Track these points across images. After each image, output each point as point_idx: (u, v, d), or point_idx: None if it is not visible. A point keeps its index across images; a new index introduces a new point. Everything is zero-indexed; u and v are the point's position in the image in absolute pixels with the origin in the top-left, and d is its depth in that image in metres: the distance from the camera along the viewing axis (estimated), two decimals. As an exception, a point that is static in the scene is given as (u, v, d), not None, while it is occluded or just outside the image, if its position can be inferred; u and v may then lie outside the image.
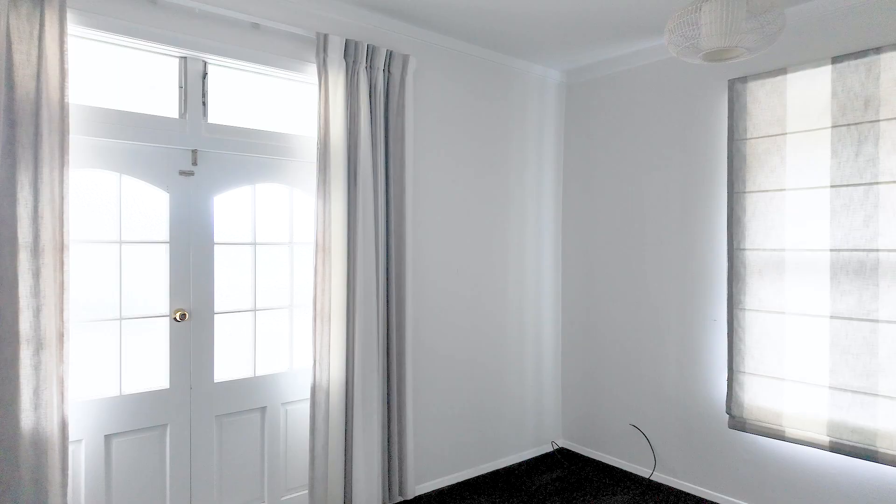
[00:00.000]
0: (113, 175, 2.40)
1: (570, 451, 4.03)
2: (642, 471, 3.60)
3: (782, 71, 2.88)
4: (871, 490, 2.65)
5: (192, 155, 2.57)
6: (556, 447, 4.07)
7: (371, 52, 2.89)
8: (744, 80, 3.02)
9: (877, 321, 2.58)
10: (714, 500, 3.23)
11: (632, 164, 3.65)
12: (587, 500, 3.24)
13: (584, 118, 3.96)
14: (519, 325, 3.84)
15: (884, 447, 2.55)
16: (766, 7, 2.06)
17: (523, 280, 3.86)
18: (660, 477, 3.51)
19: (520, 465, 3.78)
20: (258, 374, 2.80)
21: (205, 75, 2.60)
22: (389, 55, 2.96)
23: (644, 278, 3.59)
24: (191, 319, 2.57)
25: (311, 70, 2.85)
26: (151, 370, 2.51)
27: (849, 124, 2.66)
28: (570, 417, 4.07)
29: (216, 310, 2.66)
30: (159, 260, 2.52)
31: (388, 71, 2.98)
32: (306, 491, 2.95)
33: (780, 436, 2.89)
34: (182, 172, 2.55)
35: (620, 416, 3.73)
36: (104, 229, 2.39)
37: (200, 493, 2.61)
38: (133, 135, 2.40)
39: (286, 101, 2.89)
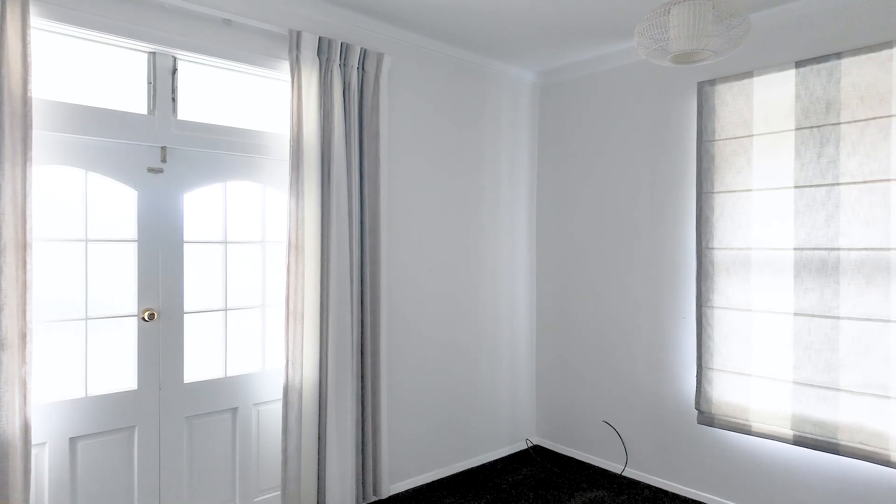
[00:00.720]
0: (79, 172, 2.34)
1: (544, 448, 4.06)
2: (614, 467, 3.65)
3: (749, 74, 2.95)
4: (833, 481, 2.74)
5: (161, 152, 2.53)
6: (530, 445, 4.10)
7: (345, 49, 2.88)
8: (712, 82, 3.09)
9: (838, 318, 2.66)
10: (684, 495, 3.29)
11: (604, 163, 3.70)
12: (560, 497, 3.27)
13: (558, 118, 4.00)
14: (494, 324, 3.86)
15: (844, 440, 2.63)
16: (732, 12, 2.11)
17: (498, 279, 3.88)
18: (631, 472, 3.56)
19: (494, 462, 3.80)
20: (229, 374, 2.76)
21: (174, 71, 2.56)
22: (364, 53, 2.96)
23: (616, 277, 3.64)
24: (160, 319, 2.53)
25: (284, 67, 2.82)
26: (119, 371, 2.46)
27: (811, 127, 2.74)
28: (544, 415, 4.11)
29: (186, 309, 2.62)
30: (127, 258, 2.47)
31: (363, 69, 2.98)
32: (279, 492, 2.92)
33: (746, 430, 2.96)
34: (151, 170, 2.50)
35: (593, 413, 3.78)
36: (70, 227, 2.33)
37: (169, 495, 2.56)
38: (100, 131, 2.35)
39: (259, 98, 2.86)
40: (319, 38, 2.78)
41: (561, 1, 2.83)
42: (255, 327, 2.86)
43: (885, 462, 2.52)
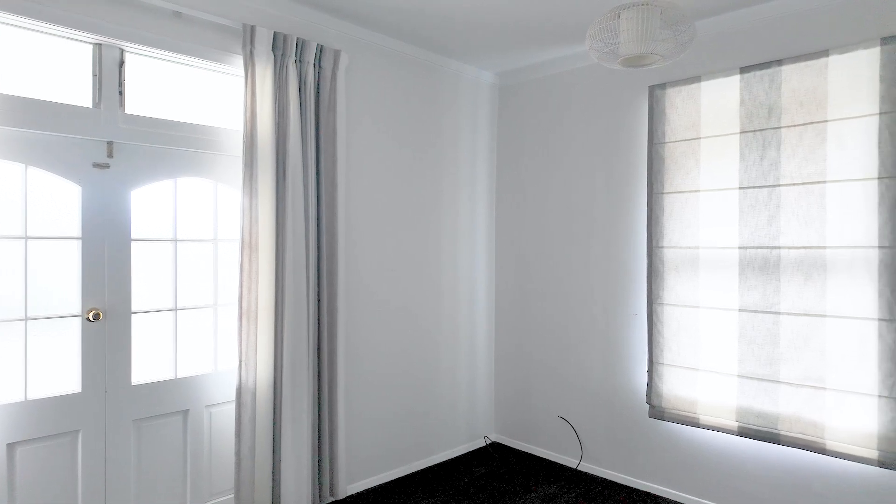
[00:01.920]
0: (18, 166, 2.25)
1: (503, 444, 4.11)
2: (570, 461, 3.72)
3: (697, 79, 3.05)
4: (775, 470, 2.86)
5: (107, 147, 2.44)
6: (488, 441, 4.14)
7: (301, 45, 2.84)
8: (663, 86, 3.18)
9: (778, 313, 2.78)
10: (636, 487, 3.38)
11: (561, 164, 3.77)
12: (516, 492, 3.32)
13: (516, 119, 4.05)
14: (452, 323, 3.88)
15: (784, 430, 2.76)
16: (679, 18, 2.19)
17: (457, 277, 3.90)
18: (586, 466, 3.64)
19: (453, 460, 3.82)
20: (180, 375, 2.69)
21: (122, 63, 2.48)
22: (320, 50, 2.93)
23: (572, 276, 3.71)
24: (106, 319, 2.45)
25: (238, 62, 2.77)
26: (62, 373, 2.36)
27: (754, 130, 2.86)
28: (502, 412, 4.15)
29: (134, 309, 2.54)
30: (71, 257, 2.38)
31: (319, 65, 2.95)
32: (232, 495, 2.86)
33: (694, 423, 3.06)
34: (96, 165, 2.42)
35: (550, 409, 3.85)
36: (8, 224, 2.23)
37: (116, 501, 2.48)
38: (40, 124, 2.25)
39: (212, 93, 2.80)
40: (274, 34, 2.74)
41: (518, 3, 2.87)
42: (207, 327, 2.80)
43: (821, 450, 2.65)
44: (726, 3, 2.85)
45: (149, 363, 2.61)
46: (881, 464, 2.50)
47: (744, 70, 2.89)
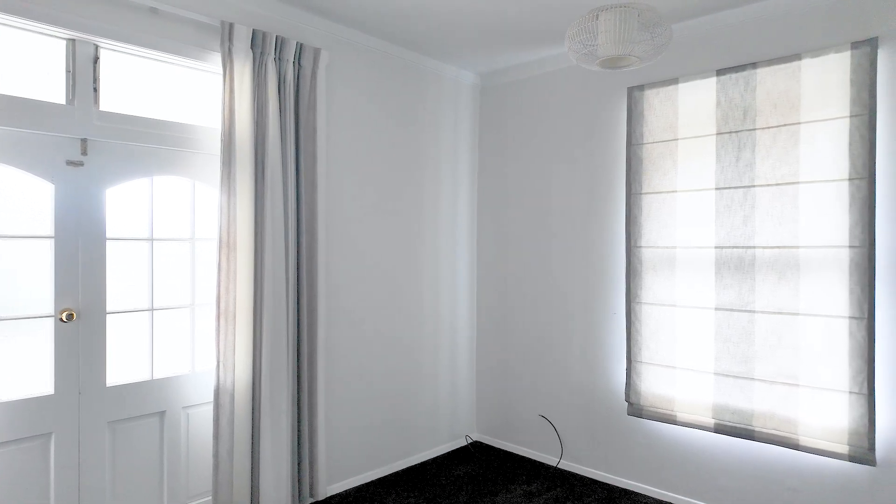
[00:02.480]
0: (-13, 163, 2.20)
1: (484, 443, 4.12)
2: (550, 459, 3.75)
3: (674, 81, 3.09)
4: (750, 466, 2.91)
5: (81, 144, 2.40)
6: (469, 441, 4.15)
7: (280, 43, 2.82)
8: (641, 88, 3.22)
9: (753, 312, 2.83)
10: (614, 484, 3.42)
11: (542, 165, 3.79)
12: (496, 491, 3.33)
13: (498, 120, 4.06)
14: (434, 323, 3.88)
15: (759, 426, 2.81)
16: (656, 21, 2.22)
17: (438, 277, 3.91)
18: (566, 464, 3.67)
19: (434, 460, 3.83)
20: (156, 376, 2.66)
21: (96, 60, 2.44)
22: (300, 48, 2.91)
23: (553, 275, 3.74)
24: (79, 319, 2.40)
25: (216, 59, 2.74)
26: (33, 375, 2.32)
27: (730, 132, 2.91)
28: (483, 411, 4.16)
29: (108, 309, 2.50)
30: (43, 256, 2.33)
31: (299, 64, 2.93)
32: (210, 497, 2.83)
33: (672, 420, 3.10)
34: (70, 163, 2.37)
35: (531, 407, 3.87)
36: (-24, 222, 2.18)
37: (90, 505, 2.44)
38: (10, 120, 2.20)
39: (189, 90, 2.77)
40: (253, 31, 2.71)
41: (498, 4, 2.88)
42: (185, 328, 2.76)
43: (794, 446, 2.71)
44: (703, 7, 2.90)
45: (124, 364, 2.57)
46: (851, 458, 2.57)
47: (720, 72, 2.94)
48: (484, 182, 4.15)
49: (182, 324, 2.75)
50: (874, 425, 2.51)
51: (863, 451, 2.54)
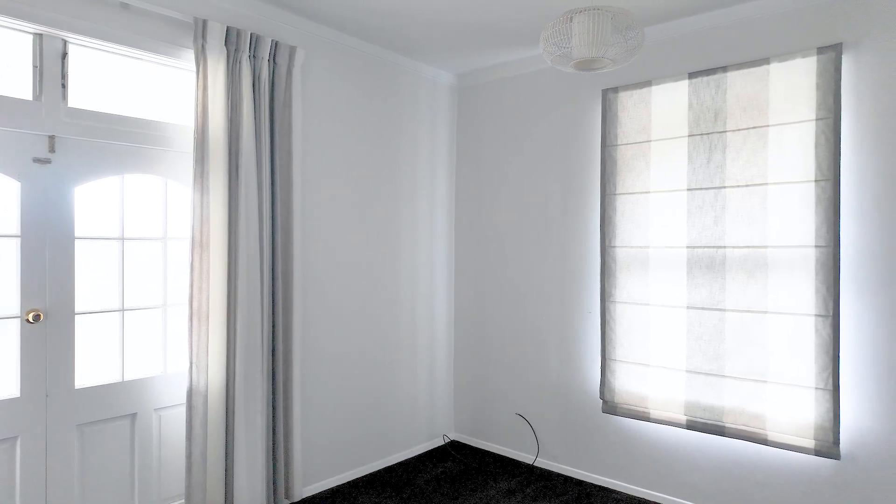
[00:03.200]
0: (-51, 160, 2.14)
1: (462, 443, 4.13)
2: (527, 458, 3.77)
3: (648, 83, 3.14)
4: (721, 461, 2.97)
5: (48, 141, 2.35)
6: (447, 440, 4.16)
7: (255, 40, 2.80)
8: (615, 90, 3.26)
9: (724, 310, 2.89)
10: (589, 481, 3.46)
11: (519, 166, 3.82)
12: (474, 489, 3.34)
13: (475, 120, 4.08)
14: (412, 323, 3.88)
15: (729, 422, 2.87)
16: (629, 24, 2.25)
17: (417, 277, 3.91)
18: (542, 462, 3.70)
19: (411, 460, 3.82)
20: (127, 378, 2.61)
21: (65, 55, 2.39)
22: (275, 45, 2.89)
23: (529, 275, 3.76)
24: (47, 320, 2.35)
25: (189, 56, 2.70)
26: (-2, 378, 2.26)
27: (702, 134, 2.96)
28: (461, 410, 4.18)
29: (77, 310, 2.45)
30: (8, 255, 2.28)
31: (274, 61, 2.90)
32: (182, 500, 2.79)
33: (645, 417, 3.15)
34: (37, 160, 2.32)
35: (508, 406, 3.89)
36: (-62, 221, 2.12)
37: (58, 510, 2.39)
38: (-26, 116, 2.15)
39: (162, 87, 2.73)
40: (227, 28, 2.68)
41: (475, 5, 2.89)
42: (157, 328, 2.72)
43: (763, 441, 2.77)
44: (675, 11, 2.95)
45: (94, 366, 2.52)
46: (817, 452, 2.63)
47: (692, 75, 2.99)
48: (462, 181, 4.16)
49: (154, 324, 2.71)
50: (839, 420, 2.58)
51: (828, 445, 2.61)
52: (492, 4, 2.89)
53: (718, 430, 2.90)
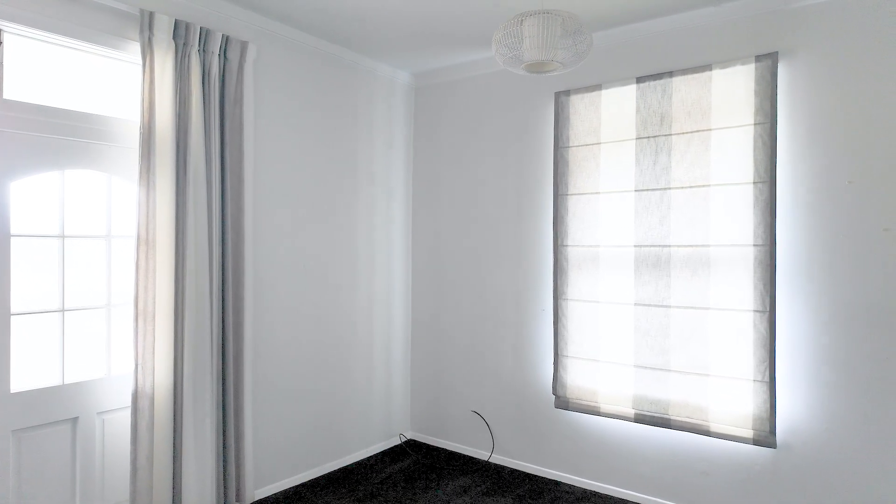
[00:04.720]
0: None
1: (418, 441, 4.14)
2: (482, 454, 3.82)
3: (598, 87, 3.22)
4: (667, 452, 3.08)
5: (-19, 134, 2.24)
6: (403, 439, 4.16)
7: (205, 35, 2.74)
8: (567, 93, 3.34)
9: (669, 307, 3.00)
10: (542, 475, 3.52)
11: (474, 166, 3.86)
12: (429, 486, 3.36)
13: (432, 120, 4.10)
14: (368, 322, 3.87)
15: (674, 415, 2.97)
16: (578, 28, 2.31)
17: (372, 276, 3.90)
18: (497, 458, 3.75)
19: (367, 459, 3.81)
20: (67, 381, 2.52)
21: (-1, 44, 2.28)
22: (226, 40, 2.83)
23: (484, 274, 3.81)
24: (-21, 322, 2.24)
25: (135, 49, 2.63)
26: (-75, 382, 2.14)
27: (648, 137, 3.06)
28: (418, 409, 4.19)
29: (13, 311, 2.35)
30: (-64, 254, 2.16)
31: (225, 56, 2.85)
32: (128, 506, 2.71)
33: (595, 411, 3.23)
34: (-32, 153, 2.21)
35: (464, 404, 3.93)
36: None
37: (-8, 520, 2.28)
38: None
39: (107, 80, 2.64)
40: (176, 21, 2.62)
41: (429, 5, 2.91)
42: (100, 329, 2.63)
43: (706, 432, 2.89)
44: (623, 17, 3.04)
45: (31, 369, 2.42)
46: (755, 442, 2.76)
47: (639, 80, 3.09)
48: (419, 181, 4.17)
49: (97, 325, 2.62)
50: (775, 410, 2.71)
51: (765, 434, 2.74)
52: (445, 5, 2.91)
53: (664, 423, 3.00)
